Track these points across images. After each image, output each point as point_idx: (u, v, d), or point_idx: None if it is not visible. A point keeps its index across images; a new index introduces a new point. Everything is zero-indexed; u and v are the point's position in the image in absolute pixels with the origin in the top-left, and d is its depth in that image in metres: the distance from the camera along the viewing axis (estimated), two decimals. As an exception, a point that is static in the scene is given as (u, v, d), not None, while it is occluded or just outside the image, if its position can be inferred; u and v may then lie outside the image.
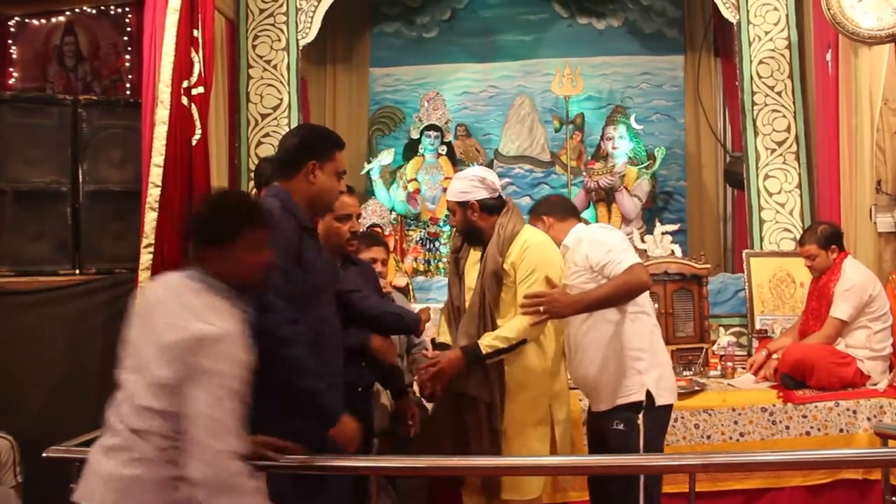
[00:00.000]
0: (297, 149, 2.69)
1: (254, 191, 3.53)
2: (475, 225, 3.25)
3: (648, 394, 3.04)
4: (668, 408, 3.15)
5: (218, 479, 2.01)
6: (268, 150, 5.41)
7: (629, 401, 3.05)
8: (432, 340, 3.57)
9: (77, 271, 4.55)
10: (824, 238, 4.26)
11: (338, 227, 3.14)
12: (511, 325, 3.09)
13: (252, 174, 5.38)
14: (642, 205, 6.32)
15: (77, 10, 5.48)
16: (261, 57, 5.52)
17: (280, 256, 2.44)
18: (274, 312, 2.44)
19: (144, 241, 4.29)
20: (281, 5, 5.52)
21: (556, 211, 3.38)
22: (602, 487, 3.16)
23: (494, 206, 3.23)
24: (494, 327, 3.11)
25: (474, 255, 3.33)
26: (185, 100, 4.42)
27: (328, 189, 2.69)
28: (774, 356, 4.25)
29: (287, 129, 5.45)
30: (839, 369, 4.05)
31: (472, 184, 3.25)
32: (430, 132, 6.50)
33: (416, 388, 3.55)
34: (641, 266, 3.06)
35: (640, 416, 3.02)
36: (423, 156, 6.54)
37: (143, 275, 4.26)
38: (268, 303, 2.43)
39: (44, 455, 2.55)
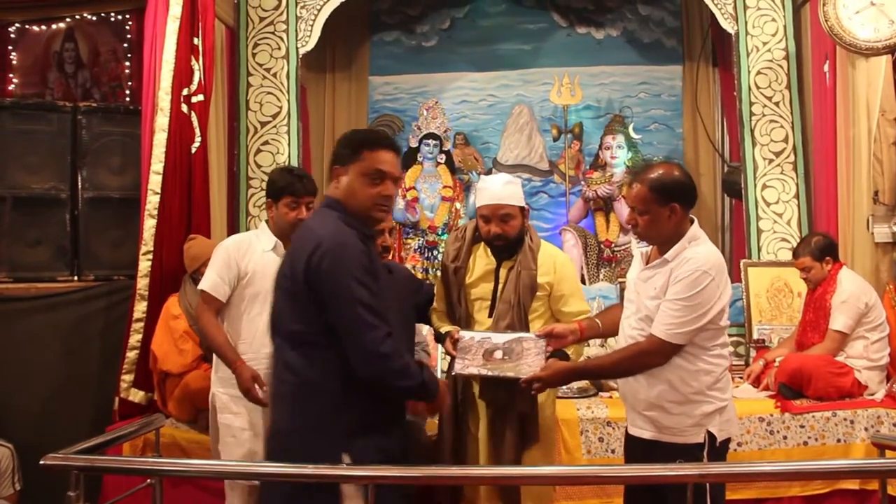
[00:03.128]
0: (332, 156, 2.57)
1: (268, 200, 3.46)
2: (523, 232, 3.19)
3: (709, 434, 2.70)
4: (728, 440, 2.82)
5: None
6: (267, 158, 5.41)
7: (685, 442, 2.70)
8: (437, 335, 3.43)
9: (75, 278, 4.56)
10: (818, 250, 4.27)
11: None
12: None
13: (251, 182, 5.41)
14: (640, 214, 6.32)
15: (77, 17, 5.50)
16: (260, 65, 5.53)
17: (357, 269, 2.37)
18: (370, 329, 2.35)
19: (143, 249, 4.29)
20: (281, 14, 5.53)
21: (690, 202, 2.80)
22: None
23: None
24: None
25: (482, 265, 3.24)
26: (184, 107, 4.42)
27: (354, 192, 2.47)
28: (775, 365, 4.26)
29: (286, 138, 5.46)
30: (837, 379, 4.06)
31: (521, 189, 3.21)
32: (429, 141, 6.51)
33: None
34: (673, 348, 2.66)
35: (705, 454, 2.69)
36: (421, 164, 6.54)
37: (142, 282, 4.26)
38: (359, 319, 2.34)
39: (41, 463, 2.53)
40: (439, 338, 3.27)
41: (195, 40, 4.50)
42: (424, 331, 3.81)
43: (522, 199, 3.20)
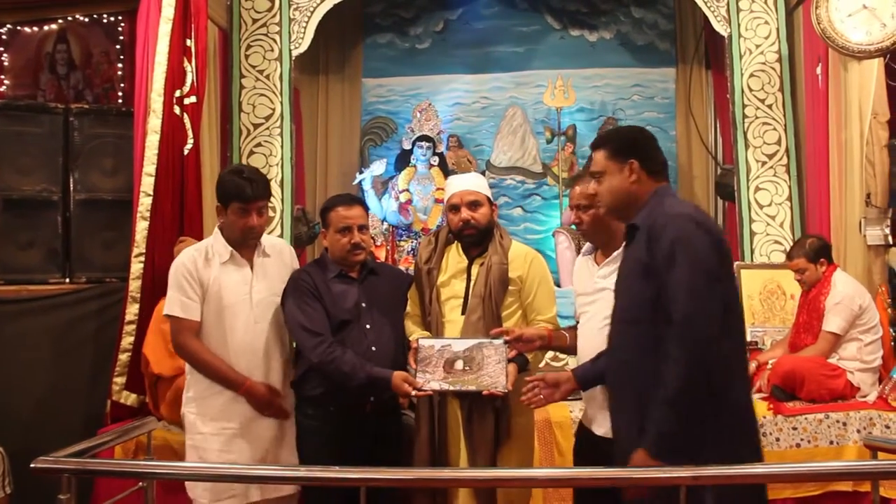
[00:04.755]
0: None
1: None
2: (492, 224, 3.21)
3: None
4: None
5: None
6: (260, 160, 5.39)
7: None
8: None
9: (67, 280, 4.53)
10: (813, 251, 4.28)
11: (338, 239, 3.17)
12: None
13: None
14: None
15: (70, 18, 5.48)
16: (253, 67, 5.52)
17: None
18: None
19: (135, 251, 4.27)
20: (274, 15, 5.52)
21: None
22: None
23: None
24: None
25: (454, 264, 3.23)
26: (177, 109, 4.41)
27: None
28: (768, 367, 4.26)
29: (279, 140, 5.44)
30: (829, 381, 4.06)
31: (487, 184, 3.29)
32: (423, 143, 6.51)
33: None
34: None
35: None
36: (415, 166, 6.55)
37: (134, 284, 4.25)
38: None
39: (32, 466, 2.51)
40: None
41: (188, 42, 4.49)
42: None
43: (489, 191, 3.26)
